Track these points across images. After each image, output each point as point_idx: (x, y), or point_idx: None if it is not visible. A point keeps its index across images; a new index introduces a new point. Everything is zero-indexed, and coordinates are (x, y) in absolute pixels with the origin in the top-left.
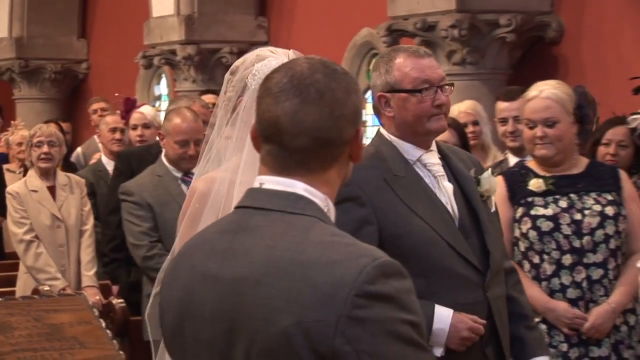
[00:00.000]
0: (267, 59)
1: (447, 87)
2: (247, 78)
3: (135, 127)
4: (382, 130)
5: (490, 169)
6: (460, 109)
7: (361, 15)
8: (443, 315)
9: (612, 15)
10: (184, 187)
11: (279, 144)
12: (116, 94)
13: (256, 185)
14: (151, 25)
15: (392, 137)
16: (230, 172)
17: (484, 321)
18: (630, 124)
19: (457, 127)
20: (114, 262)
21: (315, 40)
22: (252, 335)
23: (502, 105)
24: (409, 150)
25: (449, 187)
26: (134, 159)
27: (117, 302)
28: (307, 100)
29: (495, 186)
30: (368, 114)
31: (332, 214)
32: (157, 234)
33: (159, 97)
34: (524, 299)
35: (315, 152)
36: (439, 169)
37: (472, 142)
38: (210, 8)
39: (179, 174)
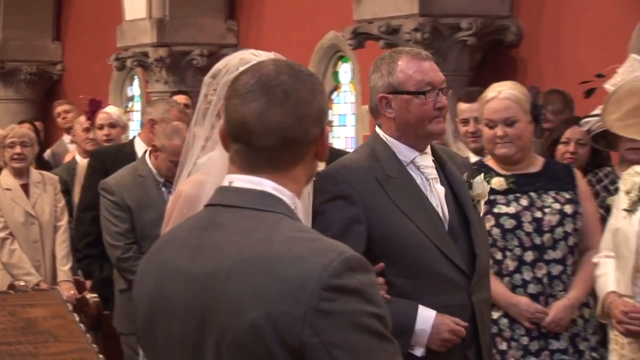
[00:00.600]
0: (251, 63)
1: (446, 90)
2: None
3: (101, 127)
4: (379, 131)
5: (482, 174)
6: None
7: (327, 19)
8: (426, 317)
9: (569, 19)
10: (164, 190)
11: (246, 143)
12: (80, 96)
13: (226, 183)
14: (124, 28)
15: (388, 137)
16: (217, 176)
17: (465, 324)
18: (582, 127)
19: None
20: (87, 258)
21: (283, 43)
22: (222, 329)
23: (463, 106)
24: (404, 152)
25: (440, 190)
26: (107, 157)
27: (91, 296)
28: (273, 100)
29: (487, 191)
30: (334, 115)
31: (299, 211)
32: (134, 236)
33: (131, 98)
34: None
35: (282, 151)
36: (431, 171)
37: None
38: (181, 12)
39: (161, 179)
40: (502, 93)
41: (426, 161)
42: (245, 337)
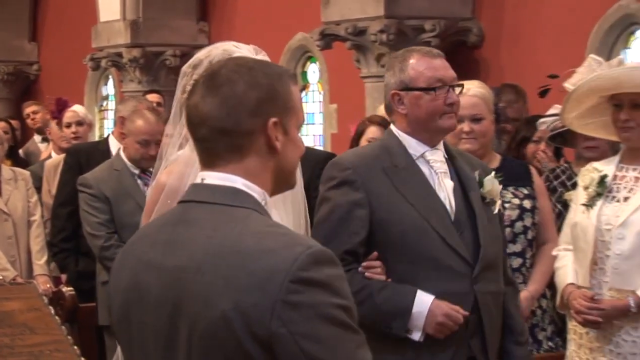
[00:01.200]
0: (235, 55)
1: (457, 87)
2: None
3: (69, 125)
4: (392, 127)
5: (493, 172)
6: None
7: (296, 21)
8: (423, 300)
9: (527, 22)
10: (140, 182)
11: (192, 136)
12: (47, 96)
13: (198, 180)
14: (98, 29)
15: (400, 132)
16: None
17: (465, 312)
18: (540, 127)
19: (386, 125)
20: (63, 252)
21: (253, 44)
22: (193, 320)
23: None
24: (414, 146)
25: (449, 184)
26: (83, 154)
27: (67, 290)
28: (207, 92)
29: (498, 189)
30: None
31: (269, 207)
32: (114, 226)
33: (106, 98)
34: (518, 315)
35: (216, 142)
36: (441, 166)
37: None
38: (154, 13)
39: (136, 170)
40: (471, 91)
41: (436, 156)
42: (215, 328)
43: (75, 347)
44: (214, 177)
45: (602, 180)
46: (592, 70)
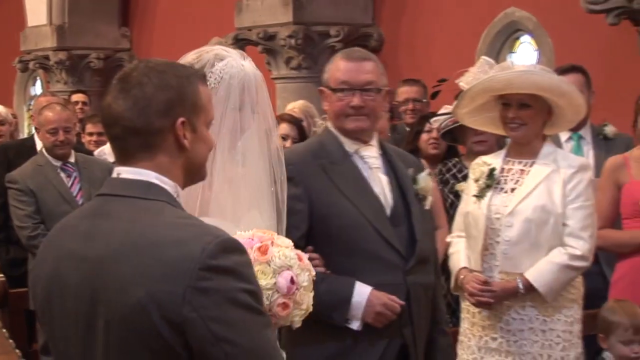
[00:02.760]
0: (226, 59)
1: (372, 91)
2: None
3: None
4: (329, 123)
5: (427, 170)
6: (290, 107)
7: (212, 26)
8: (362, 291)
9: (423, 28)
10: (62, 174)
11: (107, 135)
12: None
13: (114, 175)
14: (27, 34)
15: (334, 129)
16: None
17: (402, 302)
18: (432, 125)
19: (296, 122)
20: None
21: (171, 48)
22: (111, 308)
23: None
24: (347, 143)
25: (384, 179)
26: (11, 151)
27: None
28: (119, 94)
29: (430, 186)
30: None
31: (181, 199)
32: (40, 217)
33: (34, 97)
34: (442, 306)
35: (129, 141)
36: (375, 161)
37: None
38: (79, 19)
39: (57, 163)
40: None
41: (369, 152)
42: (132, 315)
43: (4, 330)
44: (129, 172)
45: (491, 173)
46: (484, 70)
